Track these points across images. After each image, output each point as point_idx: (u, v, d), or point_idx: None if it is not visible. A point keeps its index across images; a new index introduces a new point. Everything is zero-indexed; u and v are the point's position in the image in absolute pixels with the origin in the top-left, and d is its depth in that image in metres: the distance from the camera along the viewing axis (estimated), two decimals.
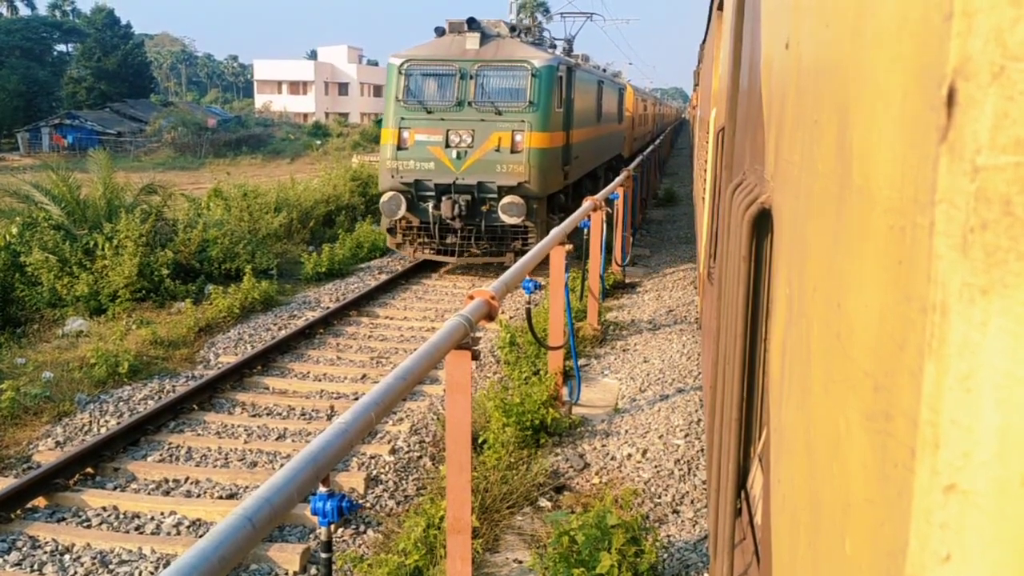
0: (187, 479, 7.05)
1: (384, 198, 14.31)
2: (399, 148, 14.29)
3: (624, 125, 29.79)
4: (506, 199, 13.77)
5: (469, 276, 15.26)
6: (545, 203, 14.61)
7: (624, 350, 10.37)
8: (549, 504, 6.42)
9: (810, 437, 1.03)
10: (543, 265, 7.98)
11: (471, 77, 14.32)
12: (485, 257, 14.54)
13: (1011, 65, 0.49)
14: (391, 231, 14.87)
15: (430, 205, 14.11)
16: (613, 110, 25.46)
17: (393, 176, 14.23)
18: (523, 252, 10.59)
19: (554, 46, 18.25)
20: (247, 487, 6.88)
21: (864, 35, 0.80)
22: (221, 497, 6.75)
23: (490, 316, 4.64)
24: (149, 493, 6.85)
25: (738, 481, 2.15)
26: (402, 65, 14.69)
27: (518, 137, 13.93)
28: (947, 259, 0.53)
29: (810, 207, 1.12)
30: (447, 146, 14.09)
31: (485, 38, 14.81)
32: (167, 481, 7.03)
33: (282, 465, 2.67)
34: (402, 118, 14.36)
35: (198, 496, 6.79)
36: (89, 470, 7.16)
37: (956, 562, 0.52)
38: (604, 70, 27.58)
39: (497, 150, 13.92)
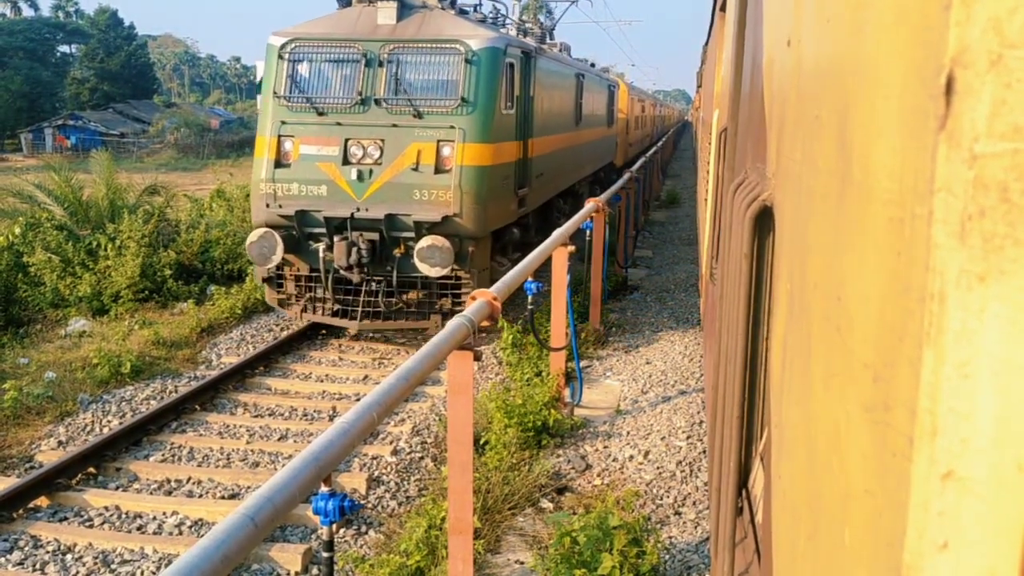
0: (189, 479, 7.06)
1: (252, 238, 10.02)
2: (278, 165, 10.23)
3: (616, 129, 25.76)
4: (425, 241, 9.55)
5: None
6: (488, 243, 10.52)
7: (626, 351, 10.37)
8: (551, 505, 6.42)
9: (810, 432, 1.03)
10: (544, 266, 7.99)
11: (381, 64, 10.21)
12: (400, 322, 10.40)
13: (1008, 53, 0.49)
14: (269, 282, 10.64)
15: (321, 247, 10.01)
16: (600, 111, 21.46)
17: (269, 205, 10.11)
18: (454, 313, 7.83)
19: (504, 24, 13.69)
20: (249, 487, 6.88)
21: (864, 28, 0.80)
22: (223, 497, 6.75)
23: (492, 317, 4.65)
24: (151, 493, 6.85)
25: (739, 480, 2.15)
26: (284, 47, 10.50)
27: (446, 150, 9.86)
28: (945, 247, 0.53)
29: (811, 203, 1.12)
30: (345, 162, 10.06)
31: (405, 9, 10.69)
32: (169, 481, 7.03)
33: (284, 465, 2.68)
34: (282, 122, 10.29)
35: (200, 496, 6.79)
36: (91, 470, 7.17)
37: (953, 549, 0.52)
38: (594, 66, 23.46)
39: (415, 168, 9.85)
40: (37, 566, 5.77)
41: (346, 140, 10.17)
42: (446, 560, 4.59)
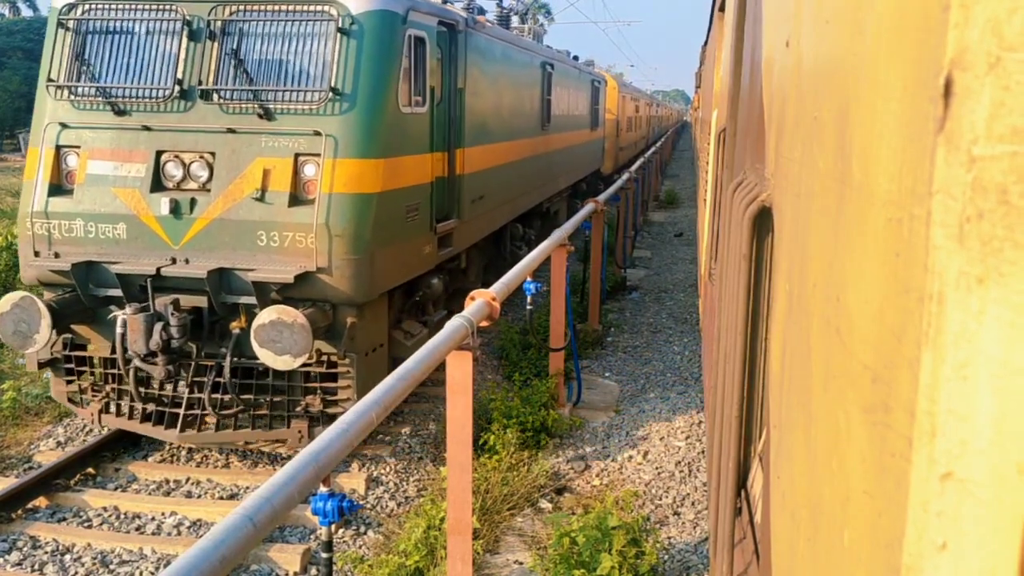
0: (188, 479, 7.05)
1: (2, 306, 6.59)
2: (55, 191, 6.96)
3: (602, 131, 22.42)
4: (266, 315, 6.21)
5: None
6: (382, 309, 7.35)
7: (625, 351, 10.37)
8: (550, 505, 6.42)
9: (810, 433, 1.03)
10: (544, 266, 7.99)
11: (212, 36, 6.95)
12: (243, 432, 7.03)
13: (1007, 55, 0.49)
14: (53, 367, 7.23)
15: (120, 318, 6.53)
16: (580, 111, 18.15)
17: (39, 253, 6.89)
18: (332, 417, 6.27)
19: None
20: (248, 487, 6.88)
21: (863, 29, 0.80)
22: (222, 498, 6.75)
23: (491, 317, 4.65)
24: (150, 493, 6.85)
25: (738, 480, 2.15)
26: (68, 12, 7.21)
27: (308, 169, 6.67)
28: (944, 249, 0.53)
29: (810, 203, 1.12)
30: (156, 188, 6.79)
31: None
32: (168, 482, 7.03)
33: (283, 466, 2.68)
34: (62, 125, 7.04)
35: (199, 497, 6.79)
36: (90, 470, 7.16)
37: (952, 550, 0.52)
38: (577, 59, 20.12)
39: (260, 198, 6.59)
40: (36, 566, 5.77)
41: (158, 153, 6.78)
42: (445, 560, 4.59)
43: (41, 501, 6.59)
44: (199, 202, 6.72)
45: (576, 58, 19.67)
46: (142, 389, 6.92)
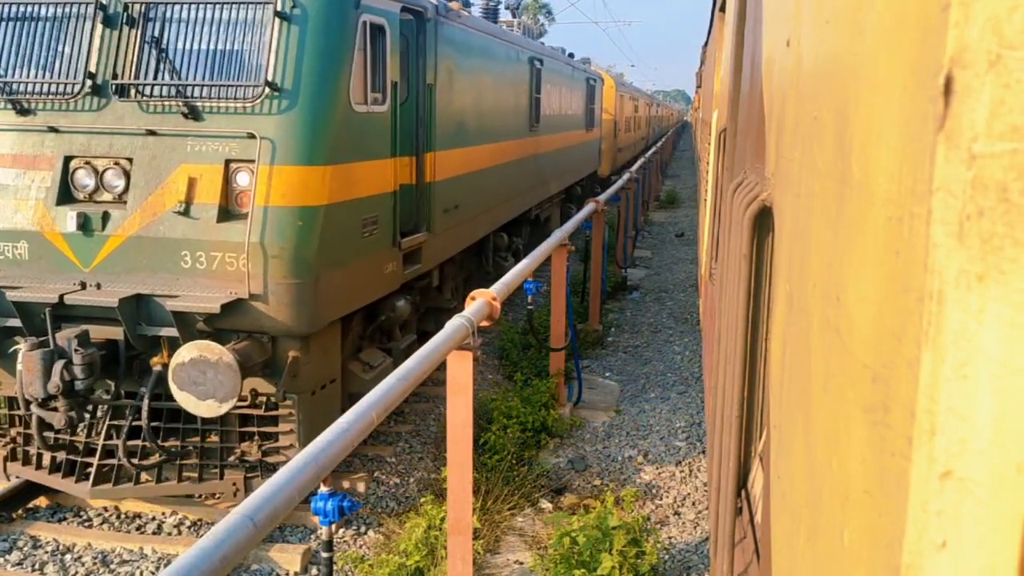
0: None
1: None
2: None
3: (599, 132, 21.56)
4: (187, 350, 5.39)
5: None
6: (334, 339, 6.38)
7: (625, 351, 10.37)
8: (550, 505, 6.42)
9: (810, 432, 1.03)
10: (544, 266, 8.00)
11: (131, 22, 6.10)
12: (166, 485, 6.18)
13: (1007, 53, 0.49)
14: None
15: (20, 352, 5.56)
16: (574, 111, 17.26)
17: None
18: (272, 467, 5.91)
19: None
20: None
21: (863, 28, 0.80)
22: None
23: (492, 317, 4.65)
24: None
25: (739, 480, 2.15)
26: None
27: (241, 178, 5.79)
28: (944, 247, 0.53)
29: (810, 203, 1.12)
30: (64, 200, 5.93)
31: None
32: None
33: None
34: None
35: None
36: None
37: (952, 549, 0.52)
38: (573, 56, 19.20)
39: (184, 211, 5.74)
40: (36, 566, 5.77)
41: (67, 159, 5.92)
42: (445, 560, 4.59)
43: (41, 501, 6.59)
44: (113, 217, 5.78)
45: (571, 55, 18.68)
46: (50, 434, 5.98)
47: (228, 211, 5.74)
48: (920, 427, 0.56)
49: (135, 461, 5.95)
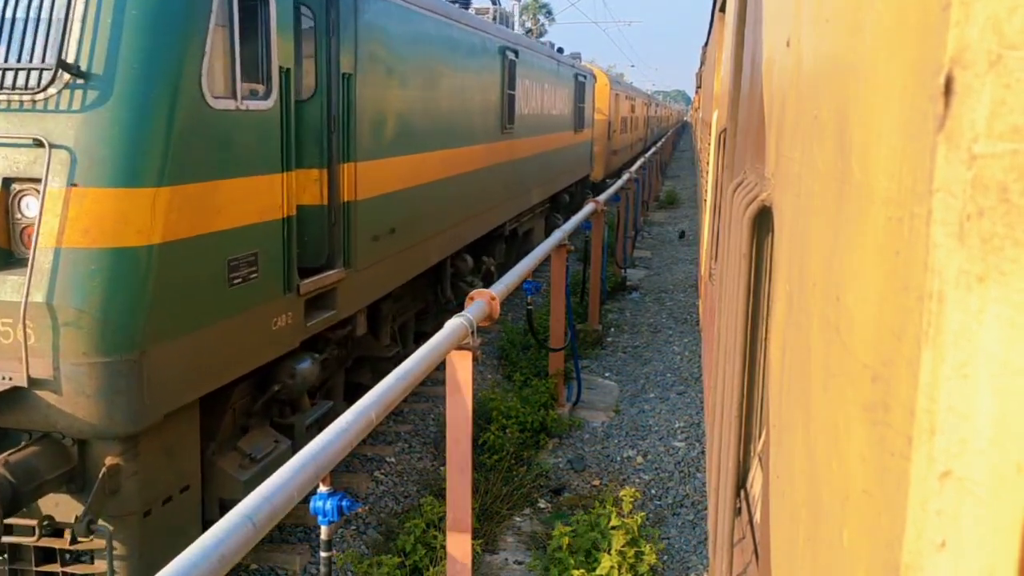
0: None
1: None
2: None
3: (590, 134, 19.88)
4: None
5: None
6: (190, 431, 4.73)
7: (625, 351, 10.38)
8: (549, 505, 6.43)
9: (809, 432, 1.03)
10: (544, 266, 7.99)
11: None
12: None
13: (1008, 53, 0.49)
14: None
15: None
16: (560, 110, 15.49)
17: None
18: None
19: None
20: None
21: (863, 28, 0.80)
22: None
23: (491, 317, 4.65)
24: None
25: (738, 480, 2.15)
26: None
27: (26, 206, 4.08)
28: (944, 247, 0.53)
29: (810, 202, 1.12)
30: None
31: None
32: None
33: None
34: None
35: None
36: None
37: (951, 548, 0.52)
38: (562, 51, 17.38)
39: None
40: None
41: None
42: (444, 560, 4.59)
43: None
44: None
45: (560, 50, 17.08)
46: None
47: (7, 255, 4.06)
48: (920, 427, 0.56)
49: None
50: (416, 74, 7.42)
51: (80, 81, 4.02)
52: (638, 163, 17.92)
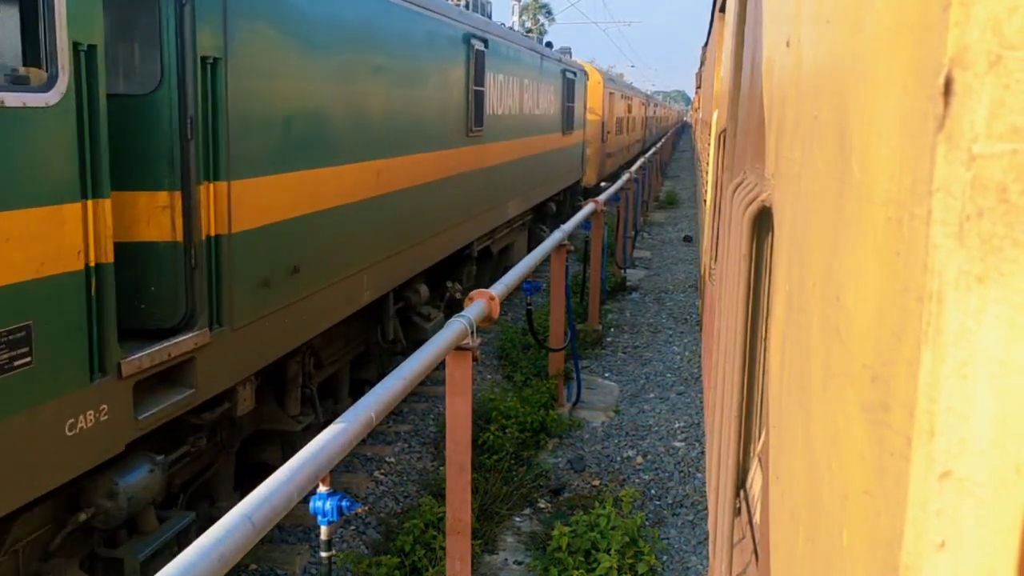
0: None
1: None
2: None
3: (582, 135, 18.31)
4: None
5: None
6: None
7: (625, 352, 10.38)
8: (548, 505, 6.42)
9: (809, 432, 1.03)
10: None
11: None
12: None
13: (1008, 54, 0.49)
14: None
15: None
16: (545, 109, 13.94)
17: None
18: None
19: None
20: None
21: (863, 28, 0.80)
22: None
23: (490, 317, 4.65)
24: None
25: (737, 480, 2.15)
26: None
27: None
28: (944, 248, 0.53)
29: (810, 203, 1.12)
30: None
31: None
32: None
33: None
34: None
35: None
36: None
37: (951, 549, 0.52)
38: (551, 46, 15.96)
39: None
40: None
41: None
42: (444, 560, 4.59)
43: None
44: None
45: (549, 44, 15.79)
46: None
47: None
48: (919, 427, 0.56)
49: None
50: (333, 62, 5.65)
51: None
52: (638, 163, 17.91)
